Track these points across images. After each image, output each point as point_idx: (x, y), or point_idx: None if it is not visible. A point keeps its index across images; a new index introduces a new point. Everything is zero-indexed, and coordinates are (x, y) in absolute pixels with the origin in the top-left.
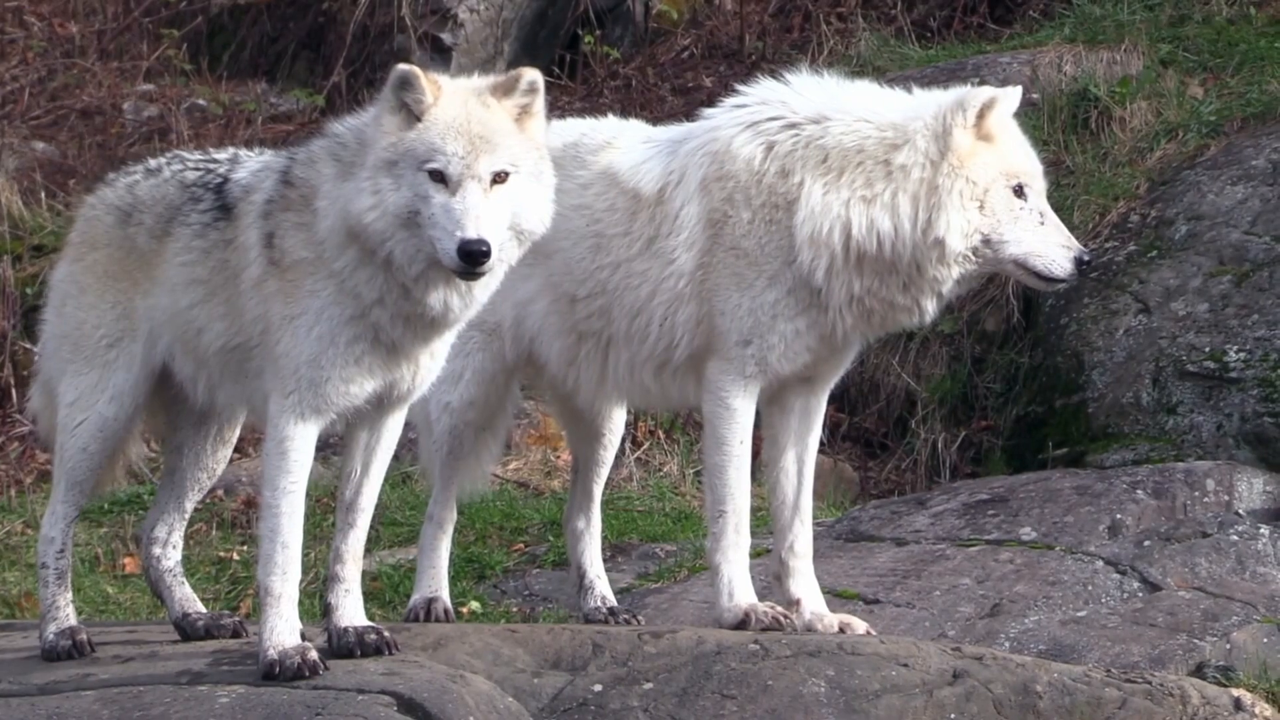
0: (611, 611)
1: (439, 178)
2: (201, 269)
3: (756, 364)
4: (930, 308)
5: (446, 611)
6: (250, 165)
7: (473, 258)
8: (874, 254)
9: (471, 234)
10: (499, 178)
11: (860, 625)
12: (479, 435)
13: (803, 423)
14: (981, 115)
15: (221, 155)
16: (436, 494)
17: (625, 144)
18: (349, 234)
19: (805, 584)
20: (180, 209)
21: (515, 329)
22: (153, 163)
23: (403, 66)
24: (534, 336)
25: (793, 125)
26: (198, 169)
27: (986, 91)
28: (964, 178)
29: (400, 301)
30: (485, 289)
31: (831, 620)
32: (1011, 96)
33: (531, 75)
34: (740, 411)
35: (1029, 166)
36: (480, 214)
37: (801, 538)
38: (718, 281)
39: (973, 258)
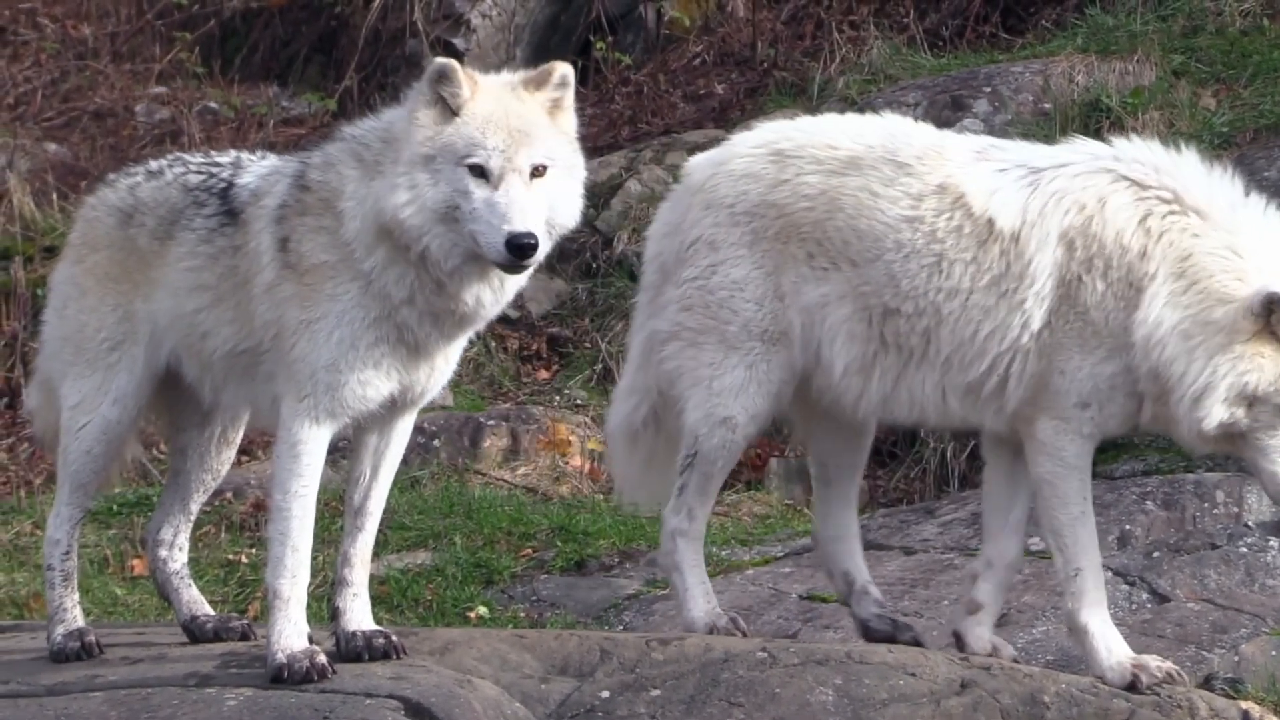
0: (895, 624)
1: (479, 172)
2: (207, 274)
3: (1095, 425)
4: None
5: (740, 629)
6: (256, 170)
7: (522, 250)
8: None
9: (519, 227)
10: (537, 171)
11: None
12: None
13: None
14: None
15: (224, 159)
16: (691, 507)
17: (960, 157)
18: (380, 232)
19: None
20: (183, 212)
21: (805, 334)
22: (154, 165)
23: (440, 60)
24: (822, 341)
25: (1175, 211)
26: (200, 172)
27: None
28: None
29: (433, 298)
30: (517, 284)
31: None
32: None
33: (563, 69)
34: (1080, 469)
35: None
36: (525, 207)
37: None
38: (1061, 340)
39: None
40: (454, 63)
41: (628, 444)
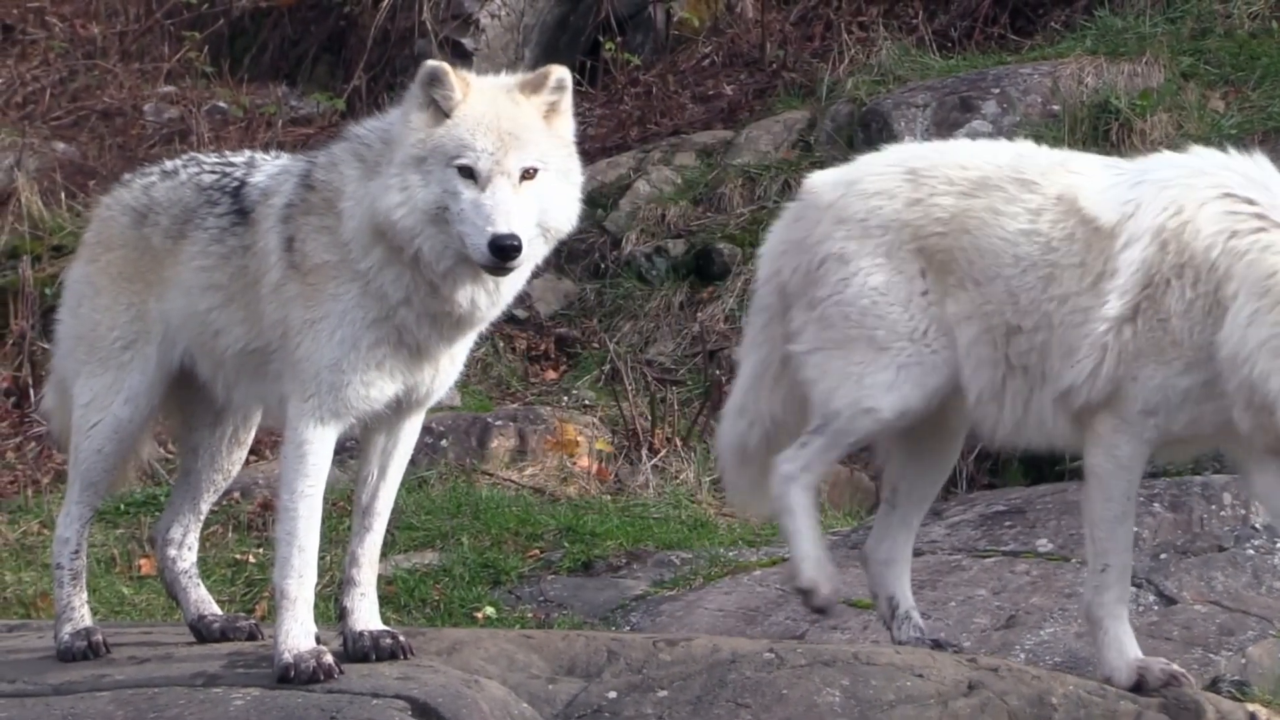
0: (936, 644)
1: (468, 174)
2: (219, 273)
3: (1158, 432)
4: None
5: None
6: (267, 169)
7: (504, 252)
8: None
9: (503, 229)
10: (528, 174)
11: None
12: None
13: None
14: None
15: (238, 158)
16: (809, 462)
17: (1085, 168)
18: (375, 232)
19: None
20: (196, 212)
21: (950, 347)
22: (169, 165)
23: (432, 63)
24: (961, 364)
25: (1262, 227)
26: (214, 172)
27: None
28: None
29: (428, 300)
30: (513, 287)
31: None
32: None
33: (560, 73)
34: (1131, 470)
35: None
36: (510, 209)
37: None
38: (1139, 345)
39: None
40: (445, 65)
41: (738, 463)
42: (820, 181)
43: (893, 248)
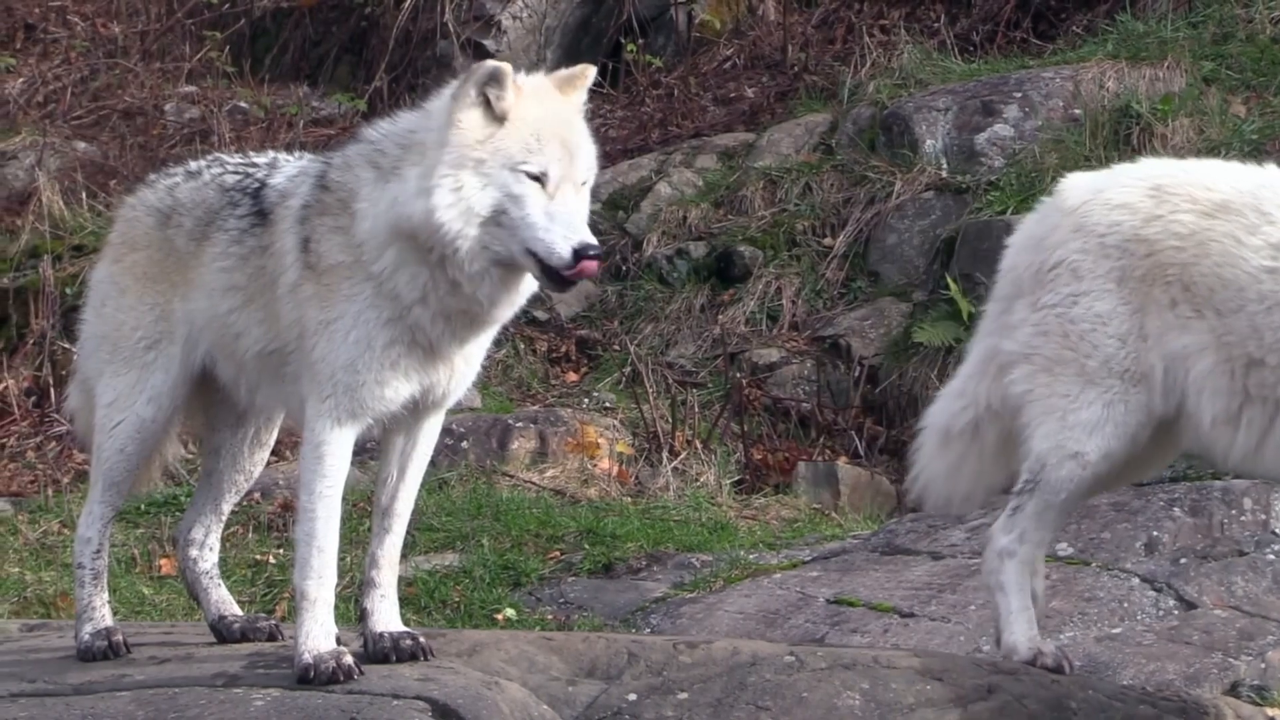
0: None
1: (535, 179)
2: (239, 274)
3: None
4: None
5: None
6: (287, 170)
7: (585, 260)
8: None
9: (588, 238)
10: (585, 182)
11: None
12: (1091, 490)
13: None
14: None
15: (261, 159)
16: (1025, 530)
17: None
18: (394, 234)
19: None
20: (218, 213)
21: (1167, 381)
22: (193, 165)
23: (491, 62)
24: (1187, 392)
25: None
26: (237, 173)
27: None
28: None
29: (446, 298)
30: (528, 288)
31: None
32: None
33: (593, 73)
34: None
35: None
36: (584, 218)
37: None
38: None
39: None
40: (506, 65)
41: (940, 443)
42: (1071, 184)
43: (1125, 274)
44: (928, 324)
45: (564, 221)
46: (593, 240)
